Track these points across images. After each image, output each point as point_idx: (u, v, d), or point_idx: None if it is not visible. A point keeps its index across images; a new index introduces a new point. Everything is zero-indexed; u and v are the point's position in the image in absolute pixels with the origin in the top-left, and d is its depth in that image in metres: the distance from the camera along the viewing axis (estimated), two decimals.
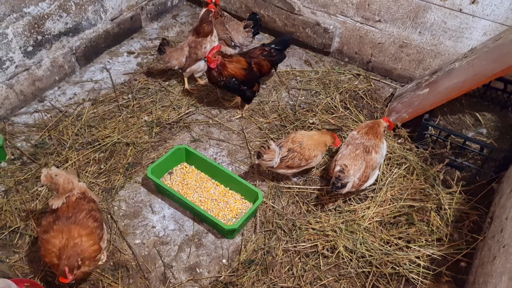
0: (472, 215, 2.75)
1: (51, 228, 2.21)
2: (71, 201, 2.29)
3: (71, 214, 2.25)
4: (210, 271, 2.54)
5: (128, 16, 4.12)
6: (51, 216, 2.26)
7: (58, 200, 2.25)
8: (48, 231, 2.21)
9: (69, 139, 3.17)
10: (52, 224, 2.22)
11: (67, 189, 2.28)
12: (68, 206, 2.27)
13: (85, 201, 2.35)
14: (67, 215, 2.24)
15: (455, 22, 3.31)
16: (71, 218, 2.24)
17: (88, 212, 2.30)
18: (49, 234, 2.19)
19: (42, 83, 3.54)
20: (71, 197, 2.29)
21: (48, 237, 2.18)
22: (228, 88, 3.29)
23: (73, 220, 2.23)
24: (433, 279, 2.48)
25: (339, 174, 2.59)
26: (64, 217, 2.23)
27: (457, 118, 3.32)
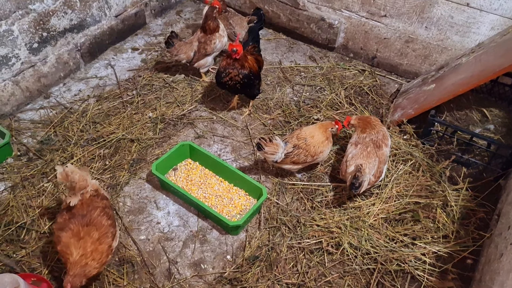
0: (478, 212, 2.72)
1: (66, 226, 2.22)
2: (85, 199, 2.30)
3: (85, 212, 2.26)
4: (215, 267, 2.54)
5: (132, 13, 4.11)
6: (66, 214, 2.27)
7: (75, 198, 2.26)
8: (63, 228, 2.22)
9: (74, 135, 3.19)
10: (67, 222, 2.23)
11: (82, 187, 2.29)
12: (83, 204, 2.29)
13: (99, 199, 2.36)
14: (82, 213, 2.25)
15: (462, 16, 3.26)
16: (86, 216, 2.25)
17: (102, 210, 2.31)
18: (65, 233, 2.20)
19: (47, 80, 3.56)
20: (85, 195, 2.30)
21: (64, 236, 2.19)
22: (243, 84, 3.19)
23: (88, 218, 2.24)
24: (439, 276, 2.46)
25: (357, 174, 2.58)
26: (80, 215, 2.24)
27: (463, 114, 3.28)
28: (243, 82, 3.17)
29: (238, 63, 3.11)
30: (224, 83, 3.19)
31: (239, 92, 3.39)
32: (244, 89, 3.28)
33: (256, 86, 3.31)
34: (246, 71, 3.15)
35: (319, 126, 2.86)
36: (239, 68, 3.12)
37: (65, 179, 2.27)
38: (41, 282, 2.34)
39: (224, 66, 3.15)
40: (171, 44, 3.50)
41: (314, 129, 2.84)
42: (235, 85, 3.18)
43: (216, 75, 3.23)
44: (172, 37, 3.50)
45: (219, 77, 3.19)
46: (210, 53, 3.54)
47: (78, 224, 2.22)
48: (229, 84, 3.18)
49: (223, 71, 3.15)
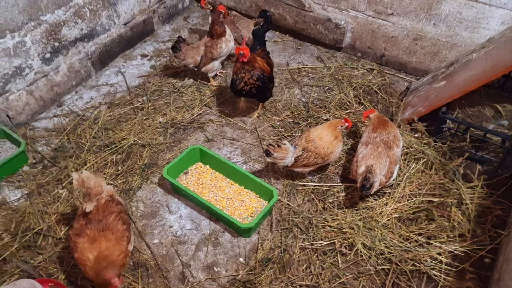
0: (495, 209, 2.67)
1: (83, 231, 2.25)
2: (101, 204, 2.33)
3: (101, 217, 2.29)
4: (228, 269, 2.54)
5: (141, 20, 4.17)
6: (83, 220, 2.31)
7: (91, 204, 2.29)
8: (80, 234, 2.25)
9: (87, 142, 3.23)
10: (84, 227, 2.27)
11: (97, 192, 2.32)
12: (98, 209, 2.32)
13: (114, 204, 2.39)
14: (98, 218, 2.29)
15: (471, 12, 3.22)
16: (102, 221, 2.28)
17: (117, 215, 2.34)
18: (81, 238, 2.23)
19: (60, 88, 3.62)
20: (100, 200, 2.33)
21: (80, 241, 2.22)
22: (259, 87, 3.16)
23: (103, 223, 2.28)
24: (456, 276, 2.42)
25: (368, 176, 2.56)
26: (96, 220, 2.28)
27: (476, 110, 3.23)
28: (258, 84, 3.14)
29: (248, 65, 3.10)
30: (240, 89, 3.15)
31: (256, 97, 3.33)
32: (260, 92, 3.23)
33: (270, 89, 3.31)
34: (258, 72, 3.13)
35: (327, 125, 2.84)
36: (250, 70, 3.11)
37: (81, 185, 2.30)
38: (58, 287, 2.37)
39: (235, 72, 3.14)
40: (178, 49, 3.53)
41: (322, 130, 2.82)
42: (251, 89, 3.15)
43: (231, 84, 3.21)
44: (179, 41, 3.53)
45: (234, 85, 3.17)
46: (216, 57, 3.57)
47: (94, 229, 2.25)
48: (245, 90, 3.15)
49: (236, 78, 3.14)
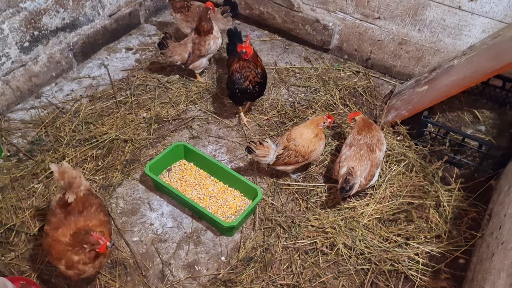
0: (470, 212, 2.75)
1: (62, 224, 2.18)
2: (80, 196, 2.26)
3: (82, 209, 2.24)
4: (209, 268, 2.52)
5: (127, 12, 4.09)
6: (61, 212, 2.23)
7: (72, 195, 2.22)
8: (59, 227, 2.17)
9: (66, 135, 3.15)
10: (63, 220, 2.20)
11: (78, 184, 2.26)
12: (78, 201, 2.25)
13: (93, 197, 2.35)
14: (79, 210, 2.23)
15: (454, 19, 3.30)
16: (83, 213, 2.22)
17: (98, 206, 2.30)
18: (59, 231, 2.15)
19: (38, 79, 3.51)
20: (79, 193, 2.27)
21: (58, 234, 2.14)
22: (262, 85, 3.09)
23: (85, 214, 2.22)
24: (432, 276, 2.48)
25: (348, 178, 2.58)
26: (76, 212, 2.22)
27: (456, 115, 3.32)
28: (261, 82, 3.08)
29: (251, 63, 3.02)
30: (245, 88, 3.02)
31: (258, 97, 3.22)
32: (262, 90, 3.15)
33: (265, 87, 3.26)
34: (262, 70, 3.08)
35: (309, 122, 2.83)
36: (254, 68, 3.03)
37: (61, 176, 2.23)
38: (30, 286, 2.30)
39: (237, 70, 3.00)
40: (165, 45, 3.45)
41: (303, 128, 2.81)
42: (254, 87, 3.05)
43: (232, 84, 3.03)
44: (166, 38, 3.46)
45: (239, 85, 3.00)
46: (204, 54, 3.53)
47: (76, 220, 2.19)
48: (250, 89, 3.03)
49: (240, 77, 3.00)
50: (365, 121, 2.89)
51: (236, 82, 3.05)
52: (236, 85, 3.05)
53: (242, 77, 3.03)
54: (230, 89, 3.12)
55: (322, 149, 2.88)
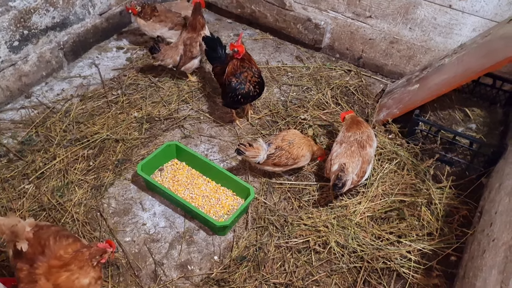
0: (462, 209, 2.78)
1: (35, 276, 1.96)
2: (31, 238, 2.03)
3: (42, 249, 2.00)
4: (202, 268, 2.52)
5: (117, 11, 4.05)
6: (24, 265, 1.99)
7: (23, 242, 1.99)
8: (34, 280, 1.95)
9: (57, 135, 3.12)
10: (32, 272, 1.97)
11: (22, 229, 2.00)
12: (32, 245, 2.01)
13: (45, 229, 2.10)
14: (39, 251, 1.99)
15: (445, 18, 3.33)
16: (45, 252, 1.99)
17: (55, 234, 2.07)
18: (40, 282, 1.94)
19: (28, 79, 3.47)
20: (27, 235, 2.03)
21: (43, 283, 1.94)
22: (261, 84, 3.05)
23: (48, 251, 2.00)
24: (424, 273, 2.50)
25: (340, 174, 2.59)
26: (38, 254, 1.99)
27: (447, 113, 3.34)
28: (260, 81, 3.00)
29: (245, 62, 2.95)
30: (248, 92, 2.93)
31: (258, 97, 3.13)
32: (262, 90, 3.07)
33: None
34: (256, 68, 3.03)
35: (306, 140, 2.87)
36: (250, 67, 2.96)
37: (0, 231, 1.97)
38: None
39: (233, 73, 2.91)
40: (157, 49, 3.40)
41: (300, 138, 2.84)
42: (255, 88, 2.98)
43: (233, 91, 2.93)
44: (158, 41, 3.42)
45: (240, 89, 2.92)
46: (196, 55, 3.52)
47: (45, 263, 1.98)
48: (252, 91, 2.95)
49: (239, 82, 2.91)
50: (354, 119, 2.90)
51: (236, 88, 2.95)
52: (237, 91, 2.95)
53: (241, 81, 2.95)
54: (230, 97, 2.99)
55: (308, 159, 2.92)
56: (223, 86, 3.10)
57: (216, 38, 3.31)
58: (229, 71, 2.99)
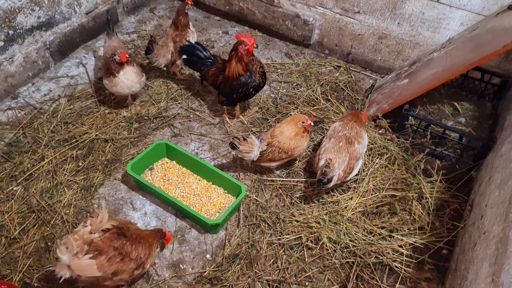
0: (452, 203, 2.80)
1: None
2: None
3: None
4: (194, 267, 2.50)
5: (104, 10, 4.00)
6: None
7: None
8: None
9: (44, 136, 3.07)
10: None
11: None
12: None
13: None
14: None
15: (433, 12, 3.34)
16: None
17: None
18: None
19: (15, 80, 3.42)
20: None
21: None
22: (264, 73, 3.07)
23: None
24: (416, 267, 2.51)
25: (325, 170, 2.57)
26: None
27: (436, 108, 3.36)
28: (264, 70, 3.08)
29: (253, 59, 3.02)
30: (258, 84, 3.03)
31: (263, 87, 3.19)
32: (265, 80, 3.15)
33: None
34: (262, 66, 3.08)
35: (289, 120, 2.82)
36: (255, 59, 3.01)
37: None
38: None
39: (246, 69, 2.95)
40: (152, 49, 3.37)
41: (284, 125, 2.80)
42: (262, 77, 3.05)
43: (244, 85, 2.98)
44: (152, 42, 3.38)
45: (252, 82, 2.99)
46: None
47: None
48: (260, 81, 3.03)
49: (250, 76, 2.97)
50: (355, 114, 2.88)
51: (247, 83, 3.01)
52: (249, 84, 3.02)
53: (252, 74, 3.01)
54: (240, 92, 3.04)
55: (307, 146, 2.88)
56: (228, 85, 3.08)
57: (195, 43, 3.28)
58: (242, 68, 2.99)
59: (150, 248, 2.29)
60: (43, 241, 2.54)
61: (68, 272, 2.04)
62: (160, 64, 3.46)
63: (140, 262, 2.22)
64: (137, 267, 2.21)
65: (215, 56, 3.24)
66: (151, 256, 2.29)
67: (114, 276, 2.13)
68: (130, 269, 2.18)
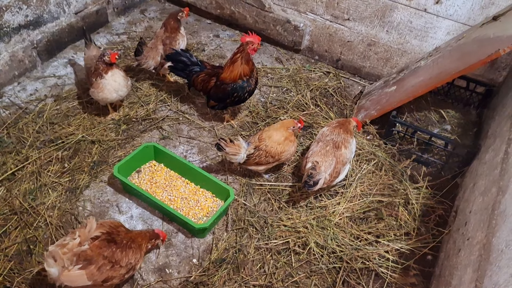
0: (438, 209, 2.83)
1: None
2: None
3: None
4: (180, 271, 2.47)
5: (93, 10, 3.97)
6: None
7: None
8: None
9: (29, 136, 3.01)
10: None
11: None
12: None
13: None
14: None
15: (421, 21, 3.40)
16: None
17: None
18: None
19: (0, 79, 3.35)
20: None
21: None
22: (256, 77, 3.12)
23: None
24: (402, 272, 2.53)
25: (311, 172, 2.58)
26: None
27: (423, 115, 3.41)
28: (256, 74, 3.13)
29: (252, 62, 3.06)
30: (253, 88, 3.09)
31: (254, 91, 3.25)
32: (257, 83, 3.21)
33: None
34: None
35: (279, 125, 2.83)
36: (253, 65, 3.07)
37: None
38: None
39: (248, 73, 2.99)
40: (141, 51, 3.35)
41: (273, 130, 2.81)
42: (255, 82, 3.10)
43: (240, 90, 3.01)
44: (141, 43, 3.35)
45: (249, 86, 3.03)
46: None
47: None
48: (253, 85, 3.09)
49: (248, 80, 3.01)
50: (344, 122, 2.89)
51: (244, 87, 3.02)
52: (245, 89, 3.04)
53: (251, 78, 3.03)
54: (236, 97, 3.06)
55: (294, 151, 2.89)
56: (221, 90, 3.06)
57: (181, 50, 3.27)
58: (248, 68, 2.99)
59: (140, 249, 2.27)
60: (25, 243, 2.49)
61: (58, 282, 2.02)
62: (149, 66, 3.43)
63: (130, 267, 2.20)
64: (127, 272, 2.20)
65: (203, 62, 3.23)
66: (141, 257, 2.27)
67: (104, 283, 2.11)
68: (121, 275, 2.16)
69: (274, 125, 2.88)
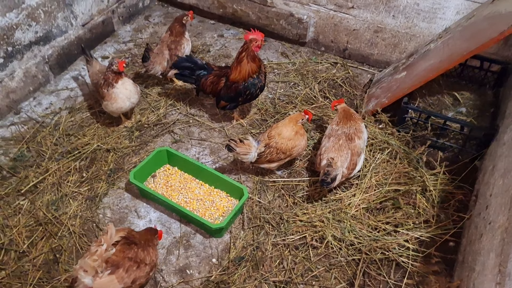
0: (457, 194, 2.77)
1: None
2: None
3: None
4: (201, 271, 2.51)
5: (100, 21, 4.04)
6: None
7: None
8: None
9: (48, 149, 3.11)
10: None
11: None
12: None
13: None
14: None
15: (428, 3, 3.31)
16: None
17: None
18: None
19: (16, 95, 3.46)
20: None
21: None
22: (265, 72, 3.14)
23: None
24: (423, 261, 2.50)
25: (327, 169, 2.57)
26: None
27: (436, 99, 3.33)
28: (264, 69, 3.15)
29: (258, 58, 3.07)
30: (264, 84, 3.12)
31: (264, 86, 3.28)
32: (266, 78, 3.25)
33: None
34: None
35: (288, 120, 2.82)
36: (260, 62, 3.08)
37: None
38: None
39: (256, 71, 3.00)
40: (148, 57, 3.38)
41: (282, 126, 2.80)
42: (264, 77, 3.13)
43: (252, 87, 3.03)
44: (148, 49, 3.40)
45: (260, 82, 3.04)
46: None
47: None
48: (264, 82, 3.13)
49: (258, 76, 3.03)
50: (346, 112, 2.88)
51: (255, 84, 3.05)
52: (256, 85, 3.06)
53: (260, 74, 3.04)
54: (248, 94, 3.07)
55: (305, 144, 2.88)
56: (232, 89, 3.07)
57: (185, 56, 3.29)
58: (256, 65, 3.01)
59: (154, 246, 2.35)
60: (52, 253, 2.57)
61: None
62: (156, 71, 3.48)
63: (153, 264, 2.29)
64: (151, 269, 2.28)
65: (209, 64, 3.24)
66: (157, 253, 2.37)
67: (133, 283, 2.19)
68: (146, 273, 2.25)
69: (282, 121, 2.87)
